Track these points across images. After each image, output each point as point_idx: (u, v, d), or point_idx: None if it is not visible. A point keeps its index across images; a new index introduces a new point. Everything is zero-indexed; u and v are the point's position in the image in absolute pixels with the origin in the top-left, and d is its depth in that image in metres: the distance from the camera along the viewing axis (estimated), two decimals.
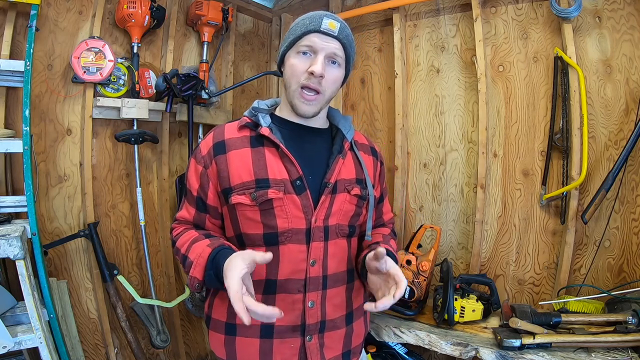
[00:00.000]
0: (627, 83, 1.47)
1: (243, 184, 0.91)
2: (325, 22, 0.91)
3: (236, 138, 0.96)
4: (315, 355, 0.95)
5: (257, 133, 0.95)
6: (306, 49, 0.92)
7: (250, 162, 0.92)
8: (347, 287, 1.00)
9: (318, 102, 0.94)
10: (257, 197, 0.89)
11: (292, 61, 0.93)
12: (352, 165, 1.01)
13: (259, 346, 0.93)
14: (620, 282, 1.46)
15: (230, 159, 0.93)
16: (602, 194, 1.40)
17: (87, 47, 1.61)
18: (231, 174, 0.92)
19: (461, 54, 1.84)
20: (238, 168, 0.92)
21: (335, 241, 0.96)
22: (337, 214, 0.95)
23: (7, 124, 1.51)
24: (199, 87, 1.88)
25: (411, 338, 1.43)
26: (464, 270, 1.83)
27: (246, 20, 2.36)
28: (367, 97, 2.12)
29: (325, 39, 0.91)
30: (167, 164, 1.98)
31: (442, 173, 1.90)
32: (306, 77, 0.91)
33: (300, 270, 0.92)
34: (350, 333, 1.01)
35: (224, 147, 0.94)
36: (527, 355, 1.22)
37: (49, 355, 1.26)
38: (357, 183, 0.99)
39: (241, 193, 0.91)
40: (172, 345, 1.98)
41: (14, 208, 1.39)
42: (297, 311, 0.93)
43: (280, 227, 0.91)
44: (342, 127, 1.03)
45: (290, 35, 0.95)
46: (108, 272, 1.69)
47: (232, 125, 0.99)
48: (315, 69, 0.89)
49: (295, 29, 0.95)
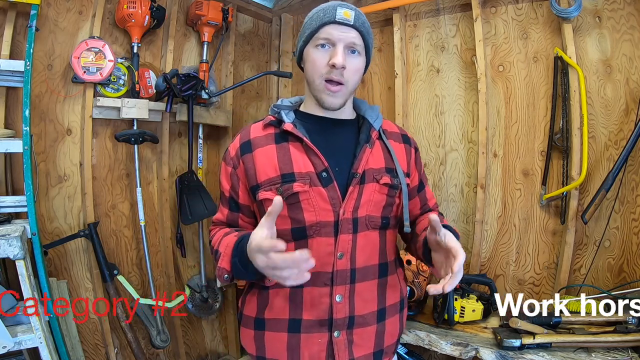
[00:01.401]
0: (627, 83, 1.47)
1: (269, 179, 0.92)
2: (340, 11, 0.90)
3: (261, 136, 0.97)
4: (343, 352, 0.93)
5: (280, 129, 0.96)
6: (324, 42, 0.91)
7: (275, 158, 0.93)
8: (379, 282, 0.97)
9: (343, 94, 0.94)
10: (283, 192, 0.90)
11: (312, 56, 0.93)
12: (381, 154, 0.99)
13: (287, 341, 0.93)
14: (620, 282, 1.46)
15: (256, 156, 0.95)
16: (602, 194, 1.40)
17: (87, 47, 1.61)
18: (257, 171, 0.94)
19: (461, 54, 1.84)
20: (264, 165, 0.93)
21: (365, 233, 0.93)
22: (366, 204, 0.93)
23: (7, 124, 1.51)
24: (199, 87, 1.88)
25: (411, 338, 1.43)
26: (464, 270, 1.82)
27: (246, 20, 2.36)
28: (367, 97, 2.12)
29: (342, 29, 0.90)
30: (167, 164, 1.98)
31: (442, 173, 1.90)
32: (328, 70, 0.91)
33: (327, 264, 0.91)
34: (382, 331, 0.97)
35: (250, 146, 0.96)
36: (527, 355, 1.22)
37: (49, 355, 1.26)
38: (386, 172, 0.97)
39: (268, 189, 0.92)
40: (172, 345, 1.98)
41: (14, 208, 1.39)
42: (324, 305, 0.91)
43: (308, 221, 0.90)
44: (369, 117, 1.02)
45: (306, 30, 0.94)
46: (108, 272, 1.69)
47: (257, 124, 1.01)
48: (336, 61, 0.88)
49: (310, 22, 0.94)
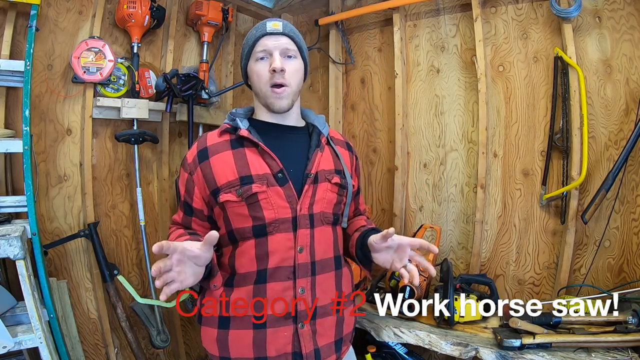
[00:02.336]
0: (627, 83, 1.47)
1: (228, 183, 0.98)
2: (269, 24, 1.02)
3: (217, 143, 1.03)
4: (309, 342, 0.98)
5: (236, 135, 1.03)
6: (262, 54, 1.01)
7: (233, 162, 0.99)
8: (336, 273, 1.05)
9: (288, 94, 1.02)
10: (242, 193, 0.96)
11: (255, 69, 1.02)
12: (330, 157, 1.08)
13: (253, 337, 0.96)
14: (620, 282, 1.46)
15: (213, 163, 1.00)
16: (602, 194, 1.40)
17: (87, 47, 1.61)
18: (216, 176, 0.99)
19: (461, 54, 1.84)
20: (222, 169, 0.99)
21: (321, 228, 1.02)
22: (320, 202, 1.02)
23: (7, 124, 1.51)
24: (199, 87, 1.88)
25: (411, 338, 1.43)
26: (464, 270, 1.83)
27: (246, 20, 2.36)
28: (367, 97, 2.12)
29: (274, 38, 1.01)
30: (167, 164, 1.98)
31: (442, 173, 1.90)
32: (270, 76, 1.00)
33: (288, 258, 0.97)
34: (341, 321, 1.05)
35: (206, 154, 1.02)
36: (527, 355, 1.22)
37: (49, 355, 1.26)
38: (336, 173, 1.07)
39: (227, 191, 0.97)
40: (172, 345, 1.98)
41: (14, 208, 1.39)
42: (288, 298, 0.97)
43: (268, 218, 0.96)
44: (318, 124, 1.11)
45: (245, 48, 1.05)
46: (108, 272, 1.69)
47: (213, 133, 1.07)
48: (275, 66, 0.98)
49: (246, 42, 1.05)
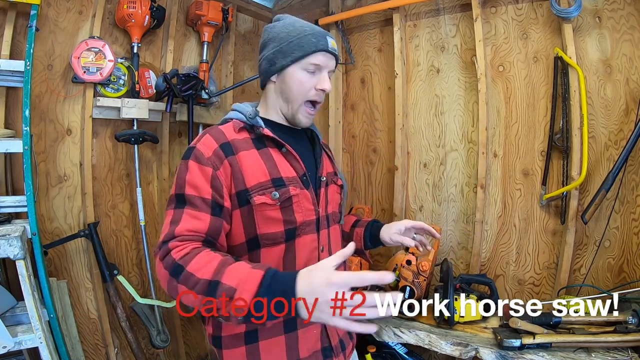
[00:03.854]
0: (627, 83, 1.47)
1: (260, 184, 0.91)
2: (330, 41, 0.98)
3: (239, 140, 0.95)
4: (334, 335, 1.01)
5: (256, 135, 0.97)
6: (314, 68, 0.97)
7: (262, 162, 0.94)
8: (345, 268, 1.09)
9: (314, 114, 1.03)
10: (279, 196, 0.92)
11: (299, 77, 0.97)
12: (328, 160, 1.13)
13: (285, 342, 0.94)
14: (620, 282, 1.46)
15: (241, 160, 0.92)
16: (602, 194, 1.40)
17: (87, 47, 1.61)
18: (245, 175, 0.91)
19: (461, 54, 1.84)
20: (252, 169, 0.92)
21: (334, 227, 1.07)
22: (331, 203, 1.06)
23: (7, 124, 1.51)
24: (199, 87, 1.88)
25: (411, 338, 1.43)
26: (464, 270, 1.83)
27: (246, 20, 2.36)
28: (367, 97, 2.12)
29: (329, 57, 0.99)
30: (167, 164, 1.98)
31: (442, 173, 1.90)
32: (314, 93, 0.98)
33: (313, 258, 0.97)
34: None
35: (231, 149, 0.92)
36: (527, 355, 1.22)
37: (49, 355, 1.26)
38: (335, 175, 1.12)
39: (261, 193, 0.91)
40: (172, 345, 1.98)
41: (14, 208, 1.39)
42: None
43: (299, 222, 0.95)
44: (314, 129, 1.11)
45: (295, 50, 0.96)
46: (108, 272, 1.69)
47: (226, 127, 0.97)
48: (326, 87, 0.98)
49: (299, 43, 0.95)
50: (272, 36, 1.00)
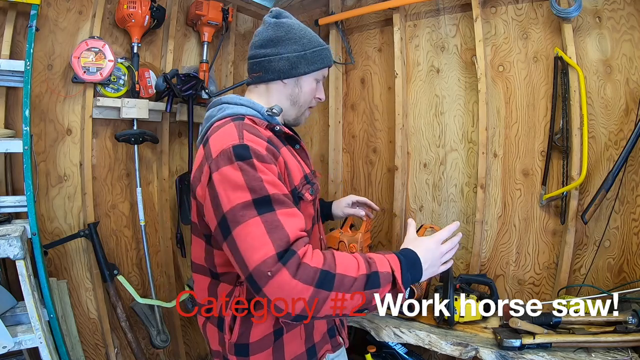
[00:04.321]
0: (627, 83, 1.47)
1: (301, 180, 0.94)
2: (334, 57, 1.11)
3: (272, 137, 0.93)
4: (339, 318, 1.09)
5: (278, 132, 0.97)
6: (321, 79, 1.07)
7: (294, 160, 0.96)
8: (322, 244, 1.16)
9: None
10: (315, 192, 0.98)
11: (311, 86, 1.05)
12: None
13: (305, 332, 0.98)
14: (620, 282, 1.46)
15: (285, 157, 0.90)
16: (602, 194, 1.40)
17: (87, 47, 1.61)
18: (292, 172, 0.91)
19: (461, 54, 1.84)
20: (293, 166, 0.93)
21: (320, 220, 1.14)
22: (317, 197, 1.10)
23: (7, 124, 1.51)
24: (199, 87, 1.88)
25: (411, 338, 1.43)
26: (464, 270, 1.83)
27: (246, 20, 2.36)
28: (367, 97, 2.12)
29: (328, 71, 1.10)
30: (167, 164, 1.98)
31: (442, 173, 1.90)
32: (314, 101, 1.09)
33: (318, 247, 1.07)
34: None
35: (275, 146, 0.89)
36: (527, 355, 1.22)
37: (49, 355, 1.26)
38: None
39: (304, 190, 0.94)
40: (172, 345, 1.98)
41: (14, 208, 1.39)
42: None
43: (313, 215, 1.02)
44: None
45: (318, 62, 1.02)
46: (108, 272, 1.69)
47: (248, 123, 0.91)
48: (323, 97, 1.10)
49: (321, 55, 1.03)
50: (291, 36, 0.98)
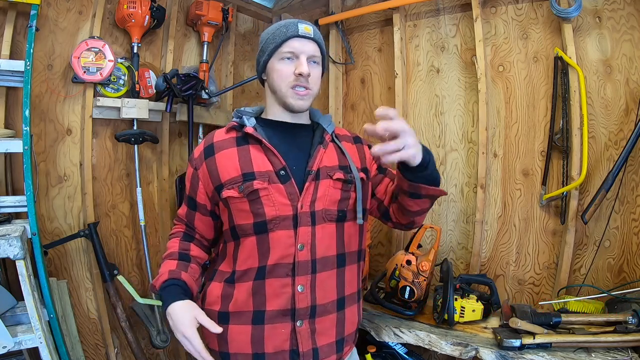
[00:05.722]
0: (627, 83, 1.47)
1: (232, 179, 1.00)
2: (301, 26, 1.01)
3: (224, 140, 1.05)
4: (307, 340, 0.97)
5: (242, 133, 1.04)
6: (289, 55, 1.01)
7: (237, 159, 1.01)
8: (338, 271, 1.03)
9: (309, 97, 1.04)
10: (244, 189, 0.97)
11: (277, 67, 1.02)
12: (335, 154, 1.07)
13: (251, 333, 0.97)
14: (620, 282, 1.46)
15: (218, 159, 1.03)
16: (602, 194, 1.40)
17: (87, 47, 1.61)
18: (220, 172, 1.02)
19: (461, 54, 1.84)
20: (226, 166, 1.01)
21: (323, 225, 0.99)
22: (322, 199, 1.00)
23: (7, 124, 1.51)
24: (199, 87, 1.88)
25: (411, 338, 1.43)
26: (464, 270, 1.83)
27: (246, 20, 2.36)
28: (367, 97, 2.12)
29: (304, 42, 1.01)
30: (167, 164, 1.98)
31: (442, 173, 1.89)
32: (294, 78, 1.01)
33: (288, 255, 0.97)
34: (342, 319, 1.04)
35: (212, 150, 1.05)
36: (527, 355, 1.22)
37: (49, 355, 1.26)
38: (340, 169, 1.04)
39: (230, 187, 0.99)
40: (172, 345, 1.98)
41: (14, 208, 1.39)
42: (287, 294, 0.97)
43: (269, 215, 0.97)
44: (323, 123, 1.12)
45: (270, 44, 1.02)
46: (108, 272, 1.69)
47: (221, 130, 1.09)
48: (303, 70, 0.99)
49: (273, 38, 1.02)
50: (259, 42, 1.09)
